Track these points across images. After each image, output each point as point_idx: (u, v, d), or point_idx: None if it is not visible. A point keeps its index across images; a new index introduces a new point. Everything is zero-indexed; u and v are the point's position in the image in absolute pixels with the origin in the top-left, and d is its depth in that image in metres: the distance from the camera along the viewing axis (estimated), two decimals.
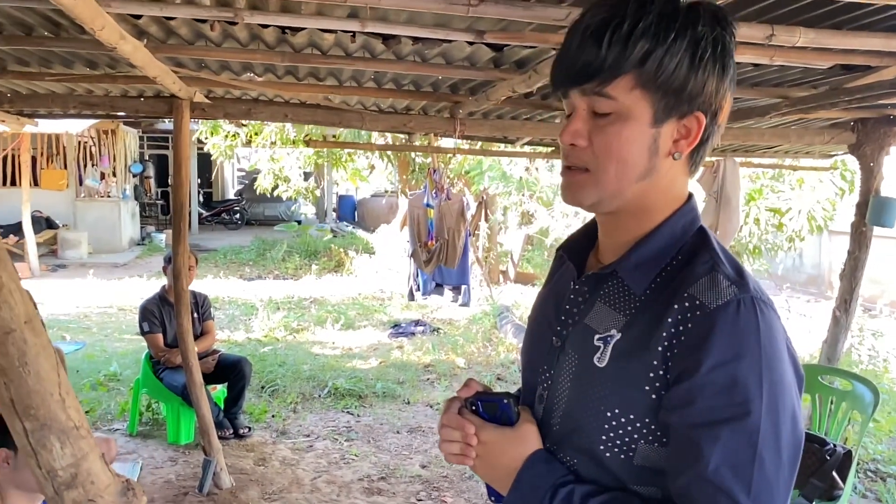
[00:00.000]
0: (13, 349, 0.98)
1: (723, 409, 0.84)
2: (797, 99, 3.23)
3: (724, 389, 0.84)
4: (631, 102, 0.90)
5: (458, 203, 6.23)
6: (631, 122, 0.90)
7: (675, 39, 0.87)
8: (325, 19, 2.37)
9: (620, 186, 0.93)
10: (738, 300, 0.86)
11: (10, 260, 0.98)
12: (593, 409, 0.93)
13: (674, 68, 0.88)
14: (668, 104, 0.90)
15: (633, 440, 0.91)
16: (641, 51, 0.87)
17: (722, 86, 0.92)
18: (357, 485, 4.10)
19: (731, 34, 0.92)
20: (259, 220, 19.98)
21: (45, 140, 13.03)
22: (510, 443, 0.98)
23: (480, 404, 1.01)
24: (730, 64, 0.92)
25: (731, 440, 0.84)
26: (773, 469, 0.84)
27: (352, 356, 7.05)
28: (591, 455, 0.95)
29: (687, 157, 0.95)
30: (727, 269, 0.90)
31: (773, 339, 0.87)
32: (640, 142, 0.91)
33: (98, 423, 4.88)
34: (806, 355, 6.76)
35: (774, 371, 0.85)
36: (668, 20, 0.87)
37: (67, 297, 9.45)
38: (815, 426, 3.30)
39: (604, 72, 0.88)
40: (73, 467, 1.05)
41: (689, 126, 0.92)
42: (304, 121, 4.11)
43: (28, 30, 2.71)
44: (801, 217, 6.77)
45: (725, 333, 0.85)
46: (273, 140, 8.84)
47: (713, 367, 0.84)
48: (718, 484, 0.83)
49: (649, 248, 0.96)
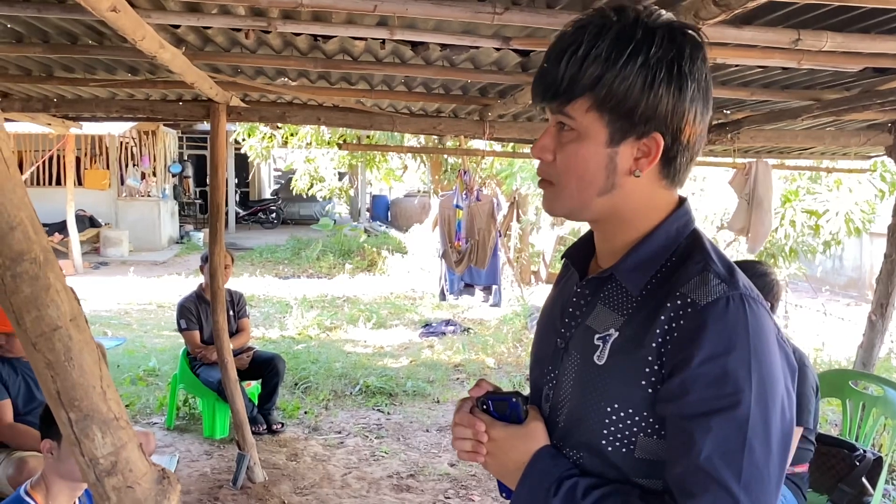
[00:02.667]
0: (59, 345, 1.05)
1: (714, 401, 0.89)
2: (829, 101, 3.20)
3: (714, 381, 0.89)
4: (587, 123, 0.94)
5: (488, 204, 6.27)
6: (587, 141, 0.95)
7: (624, 64, 0.90)
8: (354, 27, 2.44)
9: (582, 200, 0.99)
10: (727, 297, 0.91)
11: (57, 261, 1.06)
12: (595, 405, 0.98)
13: (624, 92, 0.91)
14: (622, 126, 0.94)
15: (633, 433, 0.96)
16: (592, 76, 0.91)
17: (680, 106, 0.93)
18: (386, 481, 4.17)
19: (693, 55, 0.93)
20: (294, 219, 20.24)
21: (89, 141, 13.43)
22: (519, 439, 1.03)
23: (491, 403, 1.06)
24: (686, 85, 0.93)
25: (722, 430, 0.88)
26: (763, 457, 0.88)
27: (383, 355, 7.13)
28: (594, 449, 0.99)
29: (658, 172, 0.98)
30: (718, 269, 0.95)
31: (761, 333, 0.91)
32: (595, 161, 0.96)
33: (137, 417, 5.04)
34: (842, 360, 6.63)
35: (763, 363, 0.90)
36: (622, 45, 0.91)
37: (109, 293, 9.72)
38: (845, 431, 3.26)
39: (560, 94, 0.94)
40: (112, 456, 1.12)
41: (649, 146, 0.95)
42: (337, 124, 4.19)
43: (73, 39, 2.83)
44: (839, 219, 6.64)
45: (715, 328, 0.89)
46: (308, 141, 9.00)
47: (704, 361, 0.89)
48: (710, 471, 0.88)
49: (644, 250, 1.00)
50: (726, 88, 3.17)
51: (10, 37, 2.81)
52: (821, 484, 2.91)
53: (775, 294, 2.55)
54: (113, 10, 1.84)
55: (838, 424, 4.14)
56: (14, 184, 1.00)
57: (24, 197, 1.01)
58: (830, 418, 5.21)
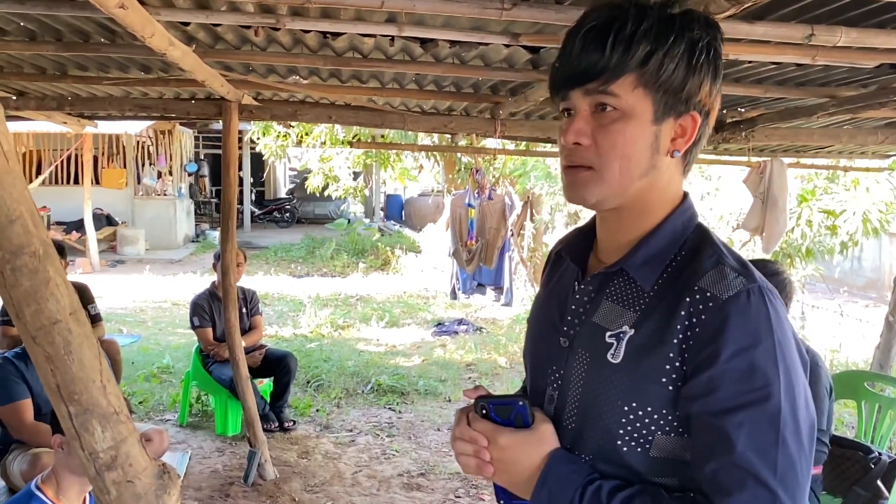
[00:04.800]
0: (59, 338, 1.05)
1: (744, 395, 0.88)
2: (845, 99, 3.15)
3: (744, 376, 0.88)
4: (633, 101, 0.94)
5: (500, 203, 6.25)
6: (634, 120, 0.94)
7: (674, 42, 0.92)
8: (363, 24, 2.44)
9: (623, 183, 0.97)
10: (747, 290, 0.90)
11: (57, 255, 1.06)
12: (610, 404, 0.96)
13: (673, 69, 0.93)
14: (667, 103, 0.95)
15: (651, 432, 0.94)
16: (644, 52, 0.92)
17: (714, 87, 0.97)
18: (397, 480, 4.17)
19: (721, 40, 0.97)
20: (309, 218, 20.31)
21: (106, 140, 13.54)
22: (530, 445, 0.98)
23: (493, 408, 1.00)
24: (721, 67, 0.97)
25: (755, 424, 0.87)
26: (795, 449, 0.88)
27: (395, 353, 7.14)
28: (608, 450, 0.97)
29: (683, 157, 1.00)
30: (732, 262, 0.94)
31: (783, 325, 0.91)
32: (642, 139, 0.95)
33: (150, 414, 5.07)
34: (860, 361, 6.55)
35: (787, 355, 0.89)
36: (667, 24, 0.93)
37: (125, 291, 9.81)
38: (860, 433, 3.22)
39: (608, 71, 0.92)
40: (112, 450, 1.12)
41: (685, 125, 0.97)
42: (348, 122, 4.19)
43: (85, 37, 2.85)
44: (856, 219, 6.55)
45: (739, 322, 0.88)
46: (323, 140, 9.02)
47: (732, 356, 0.88)
48: (746, 467, 0.86)
49: (654, 244, 0.99)
50: (740, 85, 3.13)
51: (23, 35, 2.84)
52: (835, 487, 2.87)
53: (788, 293, 2.52)
54: (121, 6, 1.85)
55: (854, 426, 4.08)
56: (14, 177, 1.00)
57: (23, 191, 1.02)
58: (846, 420, 5.15)
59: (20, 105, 3.93)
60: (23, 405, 3.18)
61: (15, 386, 3.18)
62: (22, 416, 3.18)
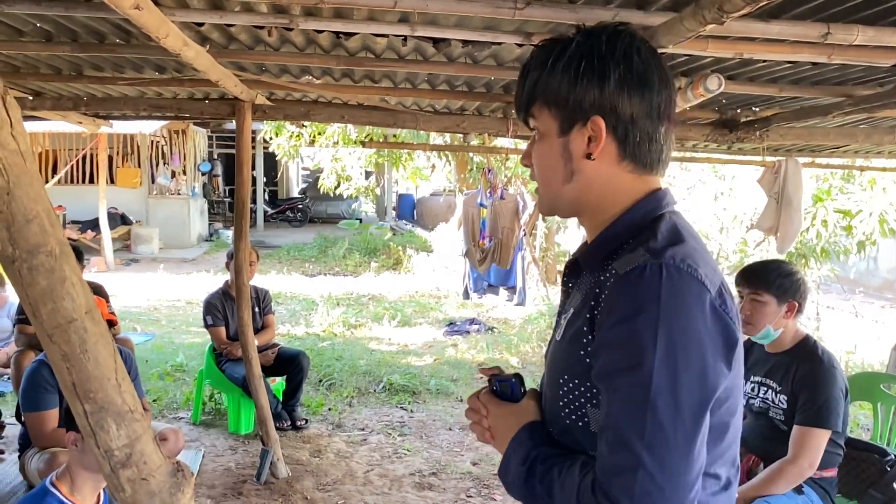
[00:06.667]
0: (75, 337, 1.07)
1: (619, 362, 0.93)
2: (861, 98, 3.12)
3: (620, 343, 0.93)
4: (545, 121, 1.08)
5: (512, 202, 6.24)
6: (547, 137, 1.08)
7: (553, 63, 1.04)
8: (376, 24, 2.44)
9: (553, 191, 1.10)
10: (645, 265, 0.95)
11: (73, 254, 1.07)
12: (554, 379, 1.08)
13: (556, 85, 1.04)
14: (566, 115, 1.05)
15: (582, 405, 1.02)
16: (533, 79, 1.07)
17: (608, 90, 1.02)
18: (408, 479, 4.17)
19: (610, 46, 1.03)
20: (322, 217, 20.36)
21: (121, 140, 13.67)
22: (513, 416, 1.12)
23: (498, 384, 1.17)
24: (608, 71, 1.02)
25: (625, 389, 0.92)
26: (669, 418, 0.89)
27: (407, 353, 7.15)
28: (559, 425, 1.07)
29: (615, 153, 1.05)
30: (653, 244, 0.99)
31: (677, 299, 0.93)
32: (553, 151, 1.08)
33: (164, 412, 5.11)
34: (875, 363, 6.49)
35: (674, 327, 0.91)
36: (551, 51, 1.06)
37: (139, 290, 9.87)
38: (875, 436, 3.19)
39: (522, 105, 1.11)
40: (127, 448, 1.13)
41: (593, 129, 1.04)
42: (360, 122, 4.20)
43: (101, 38, 2.87)
44: (872, 219, 6.49)
45: (627, 294, 0.95)
46: (335, 140, 9.04)
47: (614, 324, 0.94)
48: (616, 430, 0.91)
49: (604, 235, 1.08)
50: (754, 85, 3.11)
51: (39, 36, 2.87)
52: (850, 489, 2.85)
53: (802, 293, 2.49)
54: (136, 7, 1.87)
55: (869, 429, 4.04)
56: (31, 177, 1.01)
57: (40, 190, 1.02)
58: (861, 422, 5.10)
59: (36, 105, 3.97)
60: (47, 415, 3.12)
61: (44, 395, 3.10)
62: (44, 425, 3.12)
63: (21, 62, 3.36)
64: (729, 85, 2.85)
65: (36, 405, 3.13)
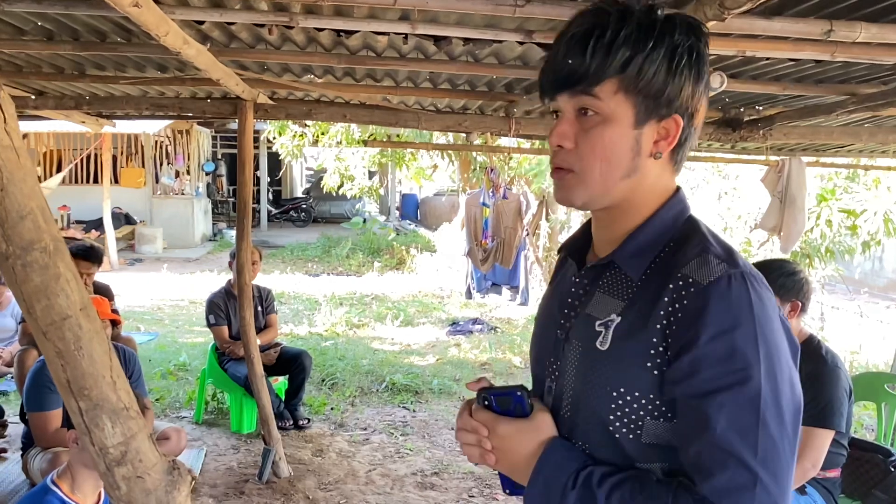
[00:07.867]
0: (69, 334, 1.06)
1: (724, 377, 0.88)
2: (865, 96, 3.10)
3: (723, 358, 0.89)
4: (614, 105, 0.96)
5: (515, 202, 6.24)
6: (614, 124, 0.97)
7: (653, 47, 0.94)
8: (376, 22, 2.43)
9: (606, 185, 0.99)
10: (728, 275, 0.91)
11: (67, 250, 1.06)
12: (600, 391, 0.98)
13: (653, 74, 0.95)
14: (647, 107, 0.97)
15: (640, 417, 0.96)
16: (623, 57, 0.94)
17: (697, 90, 0.98)
18: (410, 479, 4.16)
19: (705, 43, 0.98)
20: (325, 217, 20.37)
21: (125, 140, 13.70)
22: (527, 433, 1.02)
23: (494, 399, 1.03)
24: (704, 70, 0.98)
25: (735, 406, 0.88)
26: (777, 431, 0.88)
27: (410, 352, 7.14)
28: (602, 437, 0.99)
29: (669, 156, 1.01)
30: (717, 250, 0.96)
31: (765, 309, 0.91)
32: (622, 143, 0.98)
33: (167, 411, 5.11)
34: (880, 363, 6.46)
35: (769, 339, 0.90)
36: (647, 30, 0.94)
37: (143, 289, 9.90)
38: (879, 436, 3.17)
39: (588, 76, 0.95)
40: (122, 445, 1.13)
41: (668, 128, 0.99)
42: (362, 121, 4.19)
43: (102, 36, 2.87)
44: (877, 219, 6.46)
45: (720, 306, 0.90)
46: (339, 140, 9.04)
47: (711, 338, 0.89)
48: (727, 448, 0.87)
49: (643, 236, 1.02)
50: (757, 83, 3.09)
51: (41, 35, 2.87)
52: (854, 489, 2.83)
53: (806, 293, 2.48)
54: (135, 5, 1.86)
55: (873, 429, 4.02)
56: (25, 173, 1.00)
57: (34, 186, 1.02)
58: (866, 423, 5.07)
59: (39, 104, 3.97)
60: (50, 416, 3.13)
61: (48, 395, 3.12)
62: (47, 425, 3.13)
63: (23, 61, 3.36)
64: (731, 83, 2.84)
65: (39, 405, 3.13)
